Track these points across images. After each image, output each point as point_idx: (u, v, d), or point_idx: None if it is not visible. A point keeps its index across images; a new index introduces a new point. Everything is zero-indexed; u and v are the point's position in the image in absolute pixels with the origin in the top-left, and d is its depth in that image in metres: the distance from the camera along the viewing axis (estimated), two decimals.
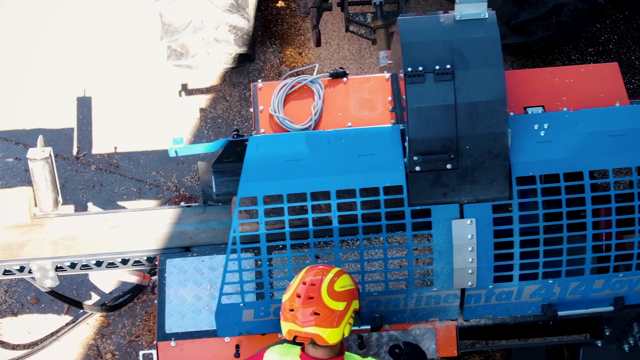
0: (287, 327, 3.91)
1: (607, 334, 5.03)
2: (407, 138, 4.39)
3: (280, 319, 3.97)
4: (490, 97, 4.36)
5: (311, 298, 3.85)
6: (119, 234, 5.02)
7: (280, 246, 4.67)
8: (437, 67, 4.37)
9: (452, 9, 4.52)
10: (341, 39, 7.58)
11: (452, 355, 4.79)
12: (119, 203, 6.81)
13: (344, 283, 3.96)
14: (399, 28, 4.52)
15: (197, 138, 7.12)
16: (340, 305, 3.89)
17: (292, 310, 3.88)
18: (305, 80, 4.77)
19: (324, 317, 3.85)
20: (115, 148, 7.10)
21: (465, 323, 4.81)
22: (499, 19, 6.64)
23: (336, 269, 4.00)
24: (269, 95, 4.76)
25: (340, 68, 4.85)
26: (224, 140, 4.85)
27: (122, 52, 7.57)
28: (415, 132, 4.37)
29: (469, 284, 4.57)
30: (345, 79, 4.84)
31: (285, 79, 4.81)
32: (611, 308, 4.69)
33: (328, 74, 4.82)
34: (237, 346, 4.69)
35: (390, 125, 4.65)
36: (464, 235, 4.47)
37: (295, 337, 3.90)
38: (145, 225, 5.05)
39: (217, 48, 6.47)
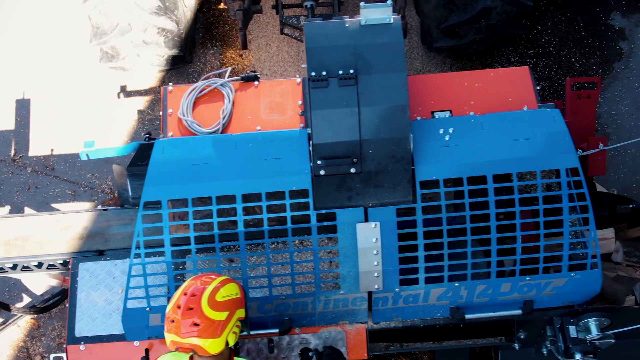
0: (169, 338, 3.91)
1: (522, 337, 5.05)
2: (311, 142, 4.41)
3: (164, 330, 3.97)
4: (393, 102, 4.37)
5: (191, 309, 3.86)
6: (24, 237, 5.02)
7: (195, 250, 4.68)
8: (340, 72, 4.39)
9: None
10: (281, 42, 7.59)
11: (362, 358, 4.81)
12: (53, 205, 6.81)
13: (228, 292, 3.96)
14: (304, 32, 4.54)
15: (135, 140, 7.11)
16: (221, 316, 3.89)
17: (173, 321, 3.88)
18: (216, 83, 4.77)
19: (205, 327, 3.85)
20: (52, 150, 7.09)
21: (376, 326, 4.83)
22: (433, 22, 6.68)
23: (221, 278, 4.01)
24: (180, 99, 4.77)
25: (252, 71, 4.86)
26: (136, 143, 4.85)
27: (60, 54, 7.56)
28: (319, 136, 4.39)
29: (375, 287, 4.59)
30: (256, 82, 4.85)
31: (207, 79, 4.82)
32: (519, 311, 4.72)
33: (239, 77, 4.83)
34: (147, 350, 4.69)
35: (299, 129, 4.66)
36: (368, 239, 4.49)
37: (177, 348, 3.91)
38: (60, 228, 5.05)
39: (147, 50, 6.47)
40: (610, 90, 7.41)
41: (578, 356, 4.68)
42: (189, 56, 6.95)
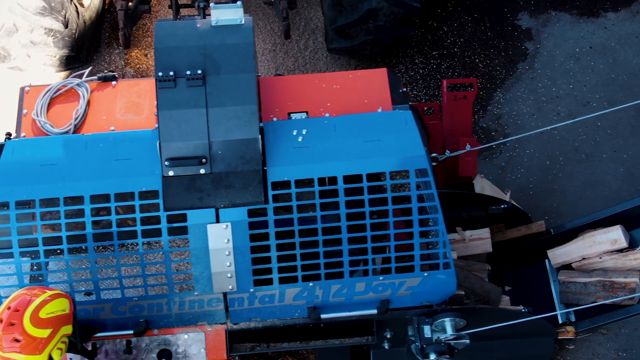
0: None
1: (389, 336, 5.08)
2: (159, 143, 4.41)
3: None
4: (241, 103, 4.39)
5: (12, 324, 3.85)
6: None
7: (59, 251, 4.67)
8: (188, 72, 4.39)
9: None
10: None
11: (222, 359, 4.82)
12: None
13: (54, 309, 3.95)
14: (154, 32, 4.54)
15: None
16: (44, 333, 3.88)
17: None
18: (72, 83, 4.77)
19: (26, 344, 3.84)
20: None
21: (235, 327, 4.84)
22: (327, 23, 6.70)
23: (50, 293, 3.99)
24: (36, 99, 4.76)
25: (110, 72, 4.85)
26: None
27: None
28: (167, 136, 4.39)
29: (230, 287, 4.60)
30: (114, 82, 4.84)
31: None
32: (375, 311, 4.74)
33: (96, 77, 4.83)
34: None
35: (151, 129, 4.66)
36: (220, 240, 4.50)
37: None
38: None
39: (36, 51, 6.46)
40: (512, 91, 7.46)
41: (432, 356, 4.72)
42: (84, 56, 6.94)
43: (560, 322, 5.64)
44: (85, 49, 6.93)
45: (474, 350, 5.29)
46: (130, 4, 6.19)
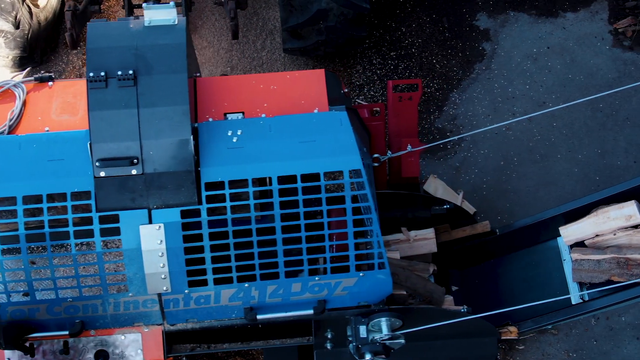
0: None
1: (330, 337, 5.08)
2: (89, 144, 4.41)
3: None
4: (172, 104, 4.38)
5: None
6: None
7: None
8: (119, 73, 4.39)
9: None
10: None
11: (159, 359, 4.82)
12: None
13: None
14: (87, 33, 4.54)
15: None
16: None
17: None
18: (8, 84, 4.76)
19: None
20: None
21: (173, 328, 4.83)
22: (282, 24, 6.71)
23: None
24: None
25: (46, 72, 4.85)
26: None
27: None
28: (98, 137, 4.38)
29: (164, 288, 4.59)
30: (50, 82, 4.84)
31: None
32: (311, 311, 4.74)
33: (33, 77, 4.82)
34: None
35: (85, 130, 4.65)
36: (152, 241, 4.49)
37: None
38: None
39: None
40: (469, 92, 7.48)
41: (368, 356, 4.72)
42: (39, 57, 6.92)
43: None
44: (40, 50, 6.92)
45: (418, 351, 5.31)
46: (79, 4, 6.18)
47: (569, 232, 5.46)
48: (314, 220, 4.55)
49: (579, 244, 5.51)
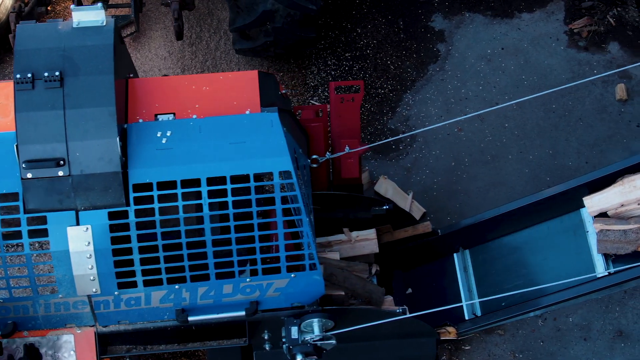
0: None
1: (267, 337, 5.09)
2: (16, 145, 4.40)
3: None
4: (99, 105, 4.38)
5: None
6: None
7: None
8: (46, 74, 4.38)
9: None
10: None
11: None
12: None
13: None
14: (16, 35, 4.53)
15: None
16: None
17: None
18: None
19: None
20: None
21: (105, 329, 4.83)
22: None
23: None
24: None
25: None
26: None
27: None
28: (24, 139, 4.38)
29: (93, 290, 4.59)
30: None
31: None
32: (243, 313, 4.74)
33: None
34: None
35: (12, 131, 4.63)
36: (80, 242, 4.48)
37: None
38: None
39: None
40: (422, 93, 7.49)
41: (299, 357, 4.75)
42: None
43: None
44: None
45: (357, 351, 5.33)
46: (25, 5, 6.16)
47: (594, 202, 5.28)
48: (243, 222, 4.55)
49: (602, 215, 5.33)
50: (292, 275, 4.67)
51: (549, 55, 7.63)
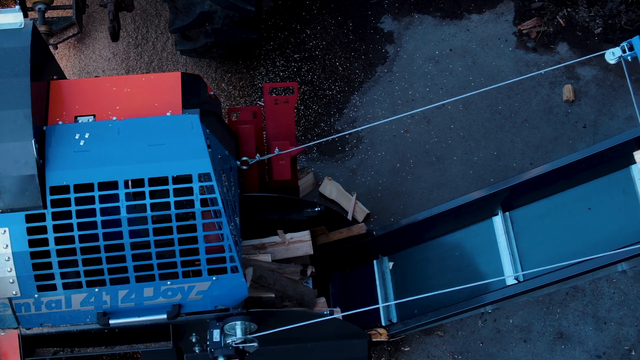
0: None
1: (194, 340, 5.08)
2: None
3: None
4: (14, 107, 4.36)
5: None
6: None
7: None
8: None
9: None
10: None
11: None
12: None
13: None
14: None
15: None
16: None
17: None
18: None
19: None
20: None
21: (29, 332, 4.81)
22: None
23: None
24: None
25: None
26: None
27: None
28: None
29: (13, 292, 4.57)
30: None
31: None
32: (164, 316, 4.73)
33: None
34: None
35: None
36: None
37: None
38: None
39: None
40: (369, 94, 7.48)
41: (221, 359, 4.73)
42: None
43: None
44: None
45: (289, 354, 5.33)
46: None
47: None
48: (163, 225, 4.53)
49: None
50: (214, 278, 4.66)
51: (496, 57, 7.64)
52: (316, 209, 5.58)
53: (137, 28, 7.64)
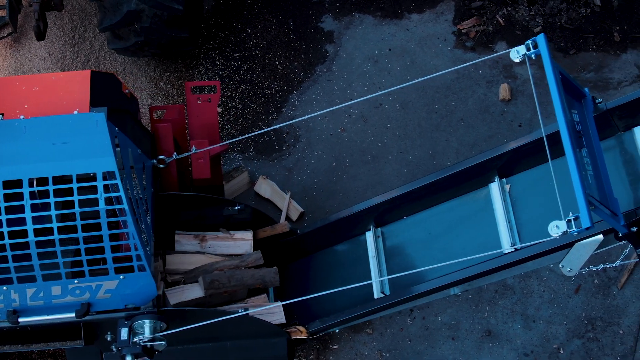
0: None
1: (110, 339, 5.08)
2: None
3: None
4: None
5: None
6: None
7: None
8: None
9: None
10: None
11: None
12: None
13: None
14: None
15: None
16: None
17: None
18: None
19: None
20: None
21: None
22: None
23: None
24: None
25: None
26: None
27: None
28: None
29: None
30: None
31: None
32: (73, 314, 4.74)
33: None
34: None
35: None
36: None
37: None
38: None
39: None
40: (308, 93, 7.51)
41: (128, 358, 4.75)
42: None
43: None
44: None
45: (208, 352, 5.34)
46: None
47: None
48: (68, 223, 4.54)
49: None
50: (121, 276, 4.68)
51: (435, 56, 7.68)
52: (236, 208, 5.60)
53: (75, 27, 7.64)
